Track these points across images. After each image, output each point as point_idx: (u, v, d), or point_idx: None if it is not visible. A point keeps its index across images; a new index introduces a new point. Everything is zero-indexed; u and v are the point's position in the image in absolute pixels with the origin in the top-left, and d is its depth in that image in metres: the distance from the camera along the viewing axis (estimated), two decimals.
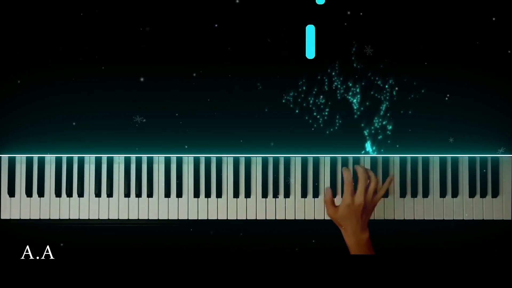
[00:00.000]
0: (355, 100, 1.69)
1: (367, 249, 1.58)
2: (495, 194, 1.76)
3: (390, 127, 1.69)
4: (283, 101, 1.69)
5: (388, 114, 1.69)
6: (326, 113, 1.69)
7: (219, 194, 1.77)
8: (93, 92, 1.69)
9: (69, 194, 1.77)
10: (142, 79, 1.69)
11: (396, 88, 1.68)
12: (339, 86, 1.69)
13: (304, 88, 1.69)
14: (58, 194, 1.77)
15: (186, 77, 1.69)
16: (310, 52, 1.68)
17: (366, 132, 1.70)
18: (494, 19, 1.67)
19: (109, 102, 1.70)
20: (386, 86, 1.69)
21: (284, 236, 1.76)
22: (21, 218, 1.77)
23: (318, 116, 1.69)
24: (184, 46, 1.69)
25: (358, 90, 1.69)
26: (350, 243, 1.60)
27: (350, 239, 1.60)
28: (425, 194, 1.77)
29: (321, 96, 1.69)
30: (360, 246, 1.58)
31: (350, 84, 1.68)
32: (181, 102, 1.69)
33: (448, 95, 1.69)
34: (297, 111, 1.69)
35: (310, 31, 1.66)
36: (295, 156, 1.77)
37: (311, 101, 1.69)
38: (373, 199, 1.61)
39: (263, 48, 1.68)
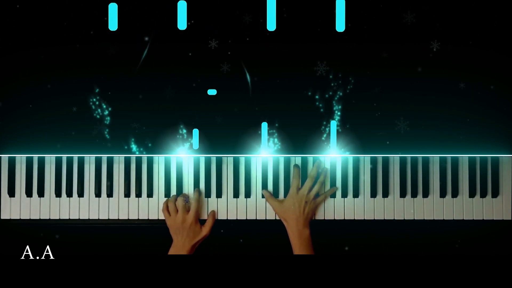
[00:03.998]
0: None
1: (308, 246, 1.67)
2: (495, 194, 1.76)
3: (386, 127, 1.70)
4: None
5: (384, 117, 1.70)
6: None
7: (219, 194, 1.77)
8: (92, 93, 1.70)
9: (69, 194, 1.77)
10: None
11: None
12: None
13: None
14: (58, 194, 1.77)
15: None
16: None
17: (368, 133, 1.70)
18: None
19: (108, 102, 1.70)
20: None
21: (285, 236, 1.75)
22: (21, 218, 1.77)
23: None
24: None
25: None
26: (293, 238, 1.69)
27: (293, 232, 1.69)
28: (425, 194, 1.77)
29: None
30: (301, 241, 1.67)
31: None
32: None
33: (448, 95, 1.69)
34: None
35: None
36: (295, 156, 1.77)
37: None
38: (316, 199, 1.73)
39: None
